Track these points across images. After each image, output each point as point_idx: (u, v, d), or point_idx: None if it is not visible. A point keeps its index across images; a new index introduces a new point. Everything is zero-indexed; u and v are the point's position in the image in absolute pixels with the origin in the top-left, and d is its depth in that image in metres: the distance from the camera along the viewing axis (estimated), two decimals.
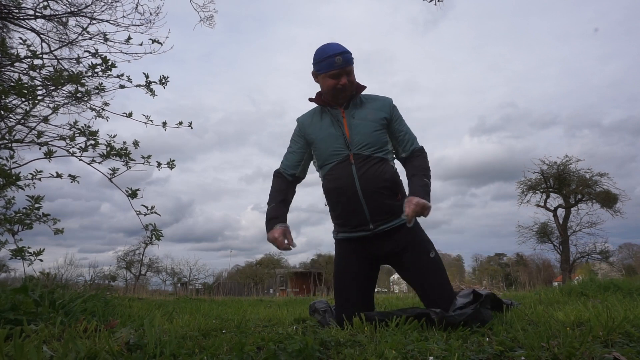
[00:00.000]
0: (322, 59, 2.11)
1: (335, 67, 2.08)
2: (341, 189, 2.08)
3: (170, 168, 3.59)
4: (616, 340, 1.29)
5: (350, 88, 2.14)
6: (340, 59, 2.08)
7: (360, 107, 2.18)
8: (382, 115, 2.16)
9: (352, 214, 2.08)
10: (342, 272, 2.17)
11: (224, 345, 1.32)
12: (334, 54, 2.08)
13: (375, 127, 2.12)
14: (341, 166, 2.09)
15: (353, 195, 2.05)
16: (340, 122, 2.14)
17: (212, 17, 5.52)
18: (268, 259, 38.14)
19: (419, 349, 1.20)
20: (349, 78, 2.11)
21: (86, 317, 1.85)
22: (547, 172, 20.67)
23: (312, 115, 2.27)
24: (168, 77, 3.52)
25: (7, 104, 3.16)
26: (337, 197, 2.12)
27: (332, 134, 2.14)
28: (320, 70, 2.14)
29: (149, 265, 30.73)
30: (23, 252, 2.66)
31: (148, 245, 25.08)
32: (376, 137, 2.11)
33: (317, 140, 2.18)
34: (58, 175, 3.27)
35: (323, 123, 2.19)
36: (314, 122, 2.22)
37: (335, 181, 2.11)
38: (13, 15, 4.25)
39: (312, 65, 2.19)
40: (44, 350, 1.12)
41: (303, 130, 2.25)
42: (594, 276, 5.88)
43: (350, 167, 2.07)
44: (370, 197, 2.04)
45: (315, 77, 2.21)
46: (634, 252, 37.75)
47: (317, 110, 2.25)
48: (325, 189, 2.20)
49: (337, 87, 2.10)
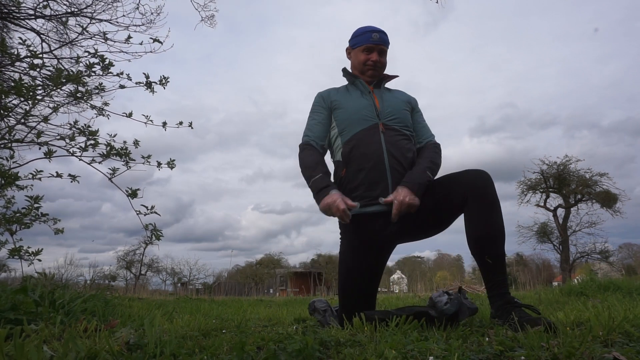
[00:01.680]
0: (360, 34, 2.16)
1: (371, 41, 2.13)
2: (367, 156, 1.96)
3: (170, 168, 3.59)
4: (616, 340, 1.29)
5: (379, 68, 2.16)
6: (377, 36, 2.13)
7: (388, 91, 2.22)
8: (407, 98, 2.22)
9: (374, 183, 1.95)
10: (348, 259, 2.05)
11: (224, 345, 1.32)
12: (372, 30, 2.14)
13: (404, 106, 2.15)
14: (370, 133, 2.00)
15: (379, 163, 1.95)
16: (370, 95, 2.14)
17: (213, 16, 5.50)
18: (268, 259, 38.14)
19: (419, 349, 1.20)
20: (380, 57, 2.14)
21: (86, 317, 1.85)
22: (547, 172, 20.68)
23: (336, 89, 2.24)
24: (168, 77, 3.53)
25: (7, 103, 3.16)
26: (361, 164, 1.97)
27: (361, 101, 2.10)
28: (355, 45, 2.18)
29: (149, 265, 30.73)
30: (20, 251, 2.66)
31: (148, 245, 25.10)
32: (405, 114, 2.12)
33: (344, 105, 2.11)
34: (58, 175, 3.27)
35: (351, 93, 2.17)
36: (340, 92, 2.20)
37: (361, 147, 1.99)
38: (13, 15, 4.25)
39: (349, 41, 2.24)
40: (44, 350, 1.12)
41: (327, 99, 2.17)
42: (593, 276, 5.88)
43: (379, 134, 2.00)
44: (395, 170, 1.95)
45: (348, 54, 2.26)
46: (633, 252, 37.76)
47: (342, 88, 2.23)
48: (347, 155, 2.01)
49: (367, 62, 2.13)
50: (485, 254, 1.76)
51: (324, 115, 2.15)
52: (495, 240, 1.77)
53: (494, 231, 1.77)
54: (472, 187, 1.80)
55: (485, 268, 1.77)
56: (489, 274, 1.76)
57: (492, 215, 1.78)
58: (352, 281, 2.03)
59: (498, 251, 1.77)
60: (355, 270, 2.02)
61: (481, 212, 1.78)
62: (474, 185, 1.80)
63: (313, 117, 2.17)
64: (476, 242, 1.79)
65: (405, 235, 2.03)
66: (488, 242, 1.77)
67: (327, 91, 2.22)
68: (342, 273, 2.06)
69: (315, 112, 2.18)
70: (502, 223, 1.80)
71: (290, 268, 35.43)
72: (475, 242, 1.80)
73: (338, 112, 2.11)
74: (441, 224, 1.98)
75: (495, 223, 1.78)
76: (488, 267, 1.76)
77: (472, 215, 1.80)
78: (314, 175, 1.97)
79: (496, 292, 1.74)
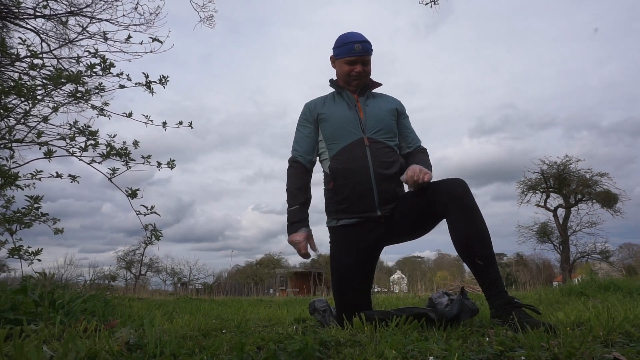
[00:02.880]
0: (342, 44, 2.16)
1: (353, 53, 2.12)
2: (353, 171, 2.03)
3: (170, 168, 3.59)
4: (616, 340, 1.29)
5: (364, 77, 2.17)
6: (359, 47, 2.12)
7: (373, 98, 2.23)
8: (393, 106, 2.22)
9: (360, 198, 2.03)
10: (339, 261, 2.11)
11: (224, 345, 1.32)
12: (354, 41, 2.13)
13: (389, 116, 2.17)
14: (355, 148, 2.06)
15: (365, 178, 2.01)
16: (355, 107, 2.16)
17: (212, 17, 5.52)
18: (268, 258, 38.14)
19: (419, 349, 1.19)
20: (364, 67, 2.15)
21: (86, 317, 1.85)
22: (547, 172, 20.68)
23: (323, 99, 2.26)
24: (168, 76, 3.53)
25: (7, 103, 3.16)
26: (347, 178, 2.05)
27: (346, 114, 2.13)
28: (338, 55, 2.18)
29: (149, 265, 30.74)
30: (19, 251, 2.66)
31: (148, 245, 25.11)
32: (390, 124, 2.15)
33: (329, 118, 2.15)
34: (58, 175, 3.27)
35: (337, 105, 2.19)
36: (327, 104, 2.22)
37: (347, 162, 2.05)
38: (13, 14, 4.25)
39: (332, 50, 2.23)
40: (44, 350, 1.12)
41: (314, 111, 2.21)
42: (594, 276, 5.88)
43: (364, 149, 2.05)
44: (381, 182, 2.01)
45: (332, 62, 2.26)
46: (634, 252, 37.72)
47: (329, 96, 2.26)
48: (333, 170, 2.11)
49: (351, 73, 2.14)
50: (475, 256, 1.78)
51: (311, 129, 2.21)
52: (482, 242, 1.80)
53: (480, 233, 1.81)
54: (452, 195, 1.86)
55: (477, 270, 1.79)
56: (483, 275, 1.78)
57: (475, 219, 1.82)
58: (344, 281, 2.08)
59: (487, 252, 1.79)
60: (346, 271, 2.08)
61: (464, 217, 1.83)
62: (453, 194, 1.86)
63: (300, 130, 2.24)
64: (464, 245, 1.82)
65: (390, 238, 2.11)
66: (476, 244, 1.80)
67: (314, 102, 2.26)
68: (335, 274, 2.12)
69: (302, 125, 2.24)
70: (485, 225, 1.85)
71: (290, 268, 35.42)
72: (463, 246, 1.83)
73: (324, 125, 2.16)
74: (423, 229, 2.07)
75: (479, 225, 1.82)
76: (480, 269, 1.78)
77: (456, 221, 1.84)
78: (291, 204, 2.10)
79: (494, 292, 1.75)
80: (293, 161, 2.20)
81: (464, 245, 1.82)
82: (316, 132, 2.21)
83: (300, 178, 2.16)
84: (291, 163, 2.21)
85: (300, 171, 2.18)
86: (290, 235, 2.04)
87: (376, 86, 2.26)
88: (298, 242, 2.00)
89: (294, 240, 2.02)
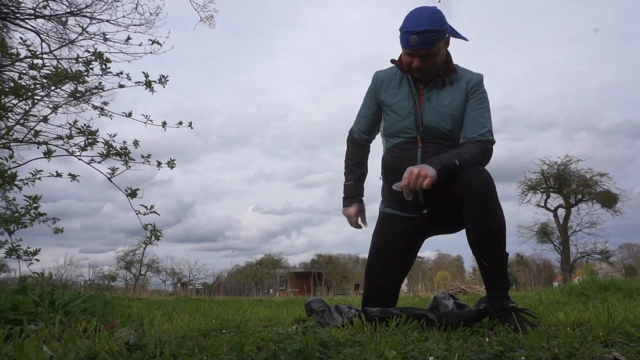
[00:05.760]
0: (401, 31, 1.87)
1: (409, 46, 1.84)
2: (401, 171, 1.84)
3: (170, 167, 3.58)
4: (616, 340, 1.29)
5: (426, 71, 1.90)
6: (415, 39, 1.80)
7: (442, 89, 1.97)
8: (459, 98, 1.95)
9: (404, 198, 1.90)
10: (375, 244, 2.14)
11: (224, 345, 1.32)
12: (410, 32, 1.81)
13: (448, 115, 1.94)
14: (407, 146, 1.98)
15: None
16: (416, 99, 1.96)
17: (212, 17, 5.53)
18: (268, 259, 38.14)
19: (419, 349, 1.19)
20: (426, 60, 1.86)
21: (86, 317, 1.85)
22: (547, 172, 20.71)
23: (392, 75, 2.05)
24: (168, 76, 3.52)
25: (6, 103, 3.15)
26: (394, 175, 1.96)
27: (405, 108, 1.97)
28: (400, 42, 1.91)
29: (149, 265, 30.76)
30: (18, 251, 2.66)
31: (148, 245, 25.10)
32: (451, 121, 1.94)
33: (390, 109, 2.03)
34: (58, 175, 3.27)
35: (400, 92, 2.01)
36: (392, 87, 2.03)
37: (397, 160, 2.00)
38: (13, 15, 4.25)
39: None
40: (44, 350, 1.11)
41: (379, 89, 2.06)
42: (594, 276, 5.87)
43: (416, 150, 1.97)
44: None
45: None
46: (634, 252, 37.76)
47: (398, 74, 2.04)
48: (385, 163, 2.09)
49: (411, 66, 1.90)
50: (481, 256, 1.76)
51: (372, 110, 2.13)
52: (491, 242, 1.74)
53: (489, 233, 1.75)
54: (469, 189, 1.76)
55: (482, 269, 1.77)
56: (485, 276, 1.77)
57: (486, 218, 1.73)
58: (375, 263, 2.10)
59: (494, 253, 1.75)
60: (380, 254, 2.11)
61: (476, 214, 1.75)
62: (470, 187, 1.76)
63: (363, 107, 2.18)
64: (473, 243, 1.80)
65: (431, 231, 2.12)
66: (483, 245, 1.76)
67: (381, 77, 2.07)
68: (369, 255, 2.16)
69: (366, 102, 2.16)
70: (498, 226, 1.74)
71: (290, 268, 35.43)
72: (472, 244, 1.81)
73: (386, 114, 2.07)
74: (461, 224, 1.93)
75: (490, 225, 1.74)
76: (484, 269, 1.76)
77: (468, 217, 1.79)
78: (347, 179, 2.22)
79: (491, 295, 1.75)
80: (352, 139, 2.25)
81: (472, 243, 1.79)
82: (377, 113, 2.11)
83: (358, 155, 2.23)
84: (350, 139, 2.26)
85: (357, 147, 2.23)
86: (344, 209, 2.18)
87: (450, 74, 1.95)
88: (349, 216, 2.16)
89: (346, 213, 2.17)
